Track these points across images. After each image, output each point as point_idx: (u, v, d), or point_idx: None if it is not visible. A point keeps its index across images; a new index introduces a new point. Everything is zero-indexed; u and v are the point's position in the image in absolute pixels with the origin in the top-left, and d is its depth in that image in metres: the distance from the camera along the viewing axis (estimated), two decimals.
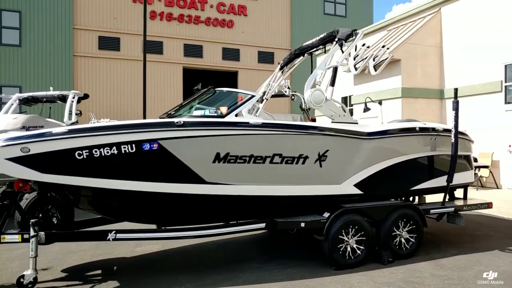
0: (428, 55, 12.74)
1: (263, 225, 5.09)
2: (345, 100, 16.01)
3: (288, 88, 7.33)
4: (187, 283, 4.69)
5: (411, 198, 6.83)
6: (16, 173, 4.36)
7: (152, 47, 26.38)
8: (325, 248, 5.10)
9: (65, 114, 10.13)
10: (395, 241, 5.48)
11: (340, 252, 5.13)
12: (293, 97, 9.35)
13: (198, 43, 28.51)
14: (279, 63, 7.14)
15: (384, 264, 5.26)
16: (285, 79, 7.14)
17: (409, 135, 5.62)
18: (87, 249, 6.17)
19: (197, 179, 4.66)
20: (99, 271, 5.33)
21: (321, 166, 5.09)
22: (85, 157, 4.32)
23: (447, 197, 6.55)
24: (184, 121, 4.53)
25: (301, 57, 6.88)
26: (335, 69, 5.20)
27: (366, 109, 6.80)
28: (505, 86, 11.35)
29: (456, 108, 5.57)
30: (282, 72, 7.07)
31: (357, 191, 5.36)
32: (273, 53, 31.12)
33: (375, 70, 5.21)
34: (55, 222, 5.52)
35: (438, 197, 6.29)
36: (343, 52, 5.43)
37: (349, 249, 5.18)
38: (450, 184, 5.83)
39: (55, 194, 5.25)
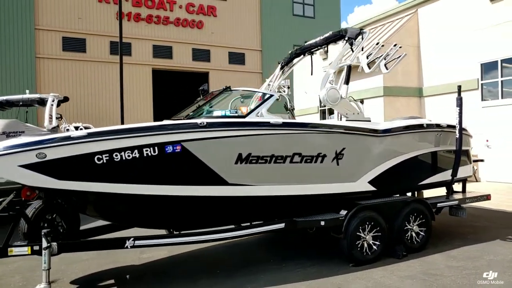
0: (407, 55, 13.19)
1: (282, 225, 5.09)
2: None
3: (288, 87, 7.35)
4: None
5: (409, 194, 7.04)
6: (31, 181, 4.13)
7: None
8: (344, 245, 5.18)
9: (45, 118, 9.69)
10: (407, 235, 5.64)
11: (358, 249, 5.22)
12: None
13: (168, 44, 28.11)
14: (279, 63, 7.18)
15: (399, 258, 5.40)
16: (285, 79, 7.17)
17: (417, 131, 5.81)
18: (90, 259, 5.94)
19: (220, 181, 4.61)
20: (111, 281, 5.16)
21: (338, 164, 5.16)
22: (105, 161, 4.17)
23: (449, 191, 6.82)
24: (207, 122, 4.46)
25: (301, 56, 6.94)
26: (349, 68, 5.30)
27: None
28: (481, 84, 11.96)
29: (460, 104, 5.82)
30: (283, 71, 7.09)
31: (371, 188, 5.49)
32: (244, 54, 31.24)
33: (386, 68, 5.33)
34: (61, 231, 5.29)
35: (433, 192, 6.51)
36: (353, 51, 5.54)
37: (365, 245, 5.29)
38: (454, 178, 6.06)
39: (62, 202, 5.02)
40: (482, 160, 7.00)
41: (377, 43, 5.55)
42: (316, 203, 5.40)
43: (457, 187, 7.08)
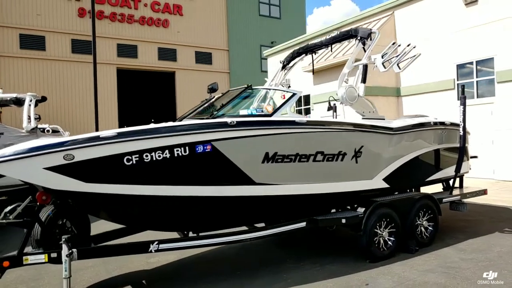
0: None
1: (303, 224, 5.14)
2: (305, 99, 16.51)
3: (289, 86, 7.43)
4: None
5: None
6: (56, 184, 3.94)
7: (82, 46, 24.93)
8: (364, 242, 5.29)
9: (23, 119, 9.18)
10: (417, 230, 5.85)
11: (376, 245, 5.36)
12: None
13: (132, 43, 27.49)
14: (280, 62, 7.23)
15: (412, 253, 5.59)
16: (287, 78, 7.24)
17: (426, 129, 6.06)
18: (95, 265, 5.71)
19: (247, 181, 4.59)
20: (128, 287, 4.97)
21: (357, 162, 5.28)
22: (134, 162, 4.04)
23: (443, 186, 7.16)
24: (237, 121, 4.43)
25: (303, 56, 7.04)
26: (365, 67, 5.43)
27: (330, 108, 7.04)
28: (457, 84, 12.60)
29: (463, 103, 6.12)
30: (284, 70, 7.15)
31: (385, 185, 5.66)
32: (211, 54, 31.12)
33: (399, 68, 5.52)
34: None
35: (429, 189, 6.79)
36: (365, 50, 5.68)
37: (382, 241, 5.43)
38: (458, 173, 6.37)
39: (74, 206, 4.79)
40: (475, 157, 7.37)
41: (393, 43, 5.72)
42: (333, 201, 5.49)
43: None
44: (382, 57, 5.50)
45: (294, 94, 5.04)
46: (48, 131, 11.23)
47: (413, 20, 13.43)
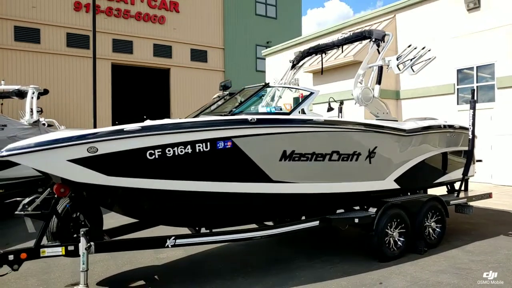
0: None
1: (316, 223, 5.19)
2: None
3: (297, 85, 7.50)
4: (253, 286, 4.62)
5: None
6: (79, 177, 3.93)
7: (77, 40, 24.74)
8: (375, 242, 5.36)
9: (26, 111, 9.12)
10: (426, 231, 5.93)
11: (387, 245, 5.43)
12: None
13: (128, 38, 27.36)
14: (290, 61, 7.28)
15: (421, 254, 5.67)
16: (295, 78, 7.29)
17: (437, 132, 6.15)
18: (104, 259, 5.69)
19: (265, 178, 4.63)
20: (141, 282, 4.97)
21: (370, 162, 5.35)
22: (157, 157, 4.05)
23: (448, 189, 7.26)
24: (257, 118, 4.46)
25: (313, 55, 7.10)
26: (380, 68, 5.50)
27: (330, 109, 7.12)
28: (457, 89, 12.79)
29: (473, 107, 6.23)
30: (294, 69, 7.20)
31: (396, 186, 5.74)
32: (206, 52, 31.10)
33: (413, 70, 5.61)
34: None
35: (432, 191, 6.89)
36: (379, 52, 5.75)
37: (392, 241, 5.51)
38: (466, 176, 6.48)
39: (91, 199, 4.77)
40: (480, 161, 7.50)
41: (409, 45, 5.80)
42: (345, 201, 5.55)
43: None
44: (397, 59, 5.57)
45: (312, 93, 5.09)
46: (44, 124, 11.13)
47: (415, 24, 13.58)
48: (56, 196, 4.35)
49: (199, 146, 4.19)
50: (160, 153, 4.05)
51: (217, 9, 31.52)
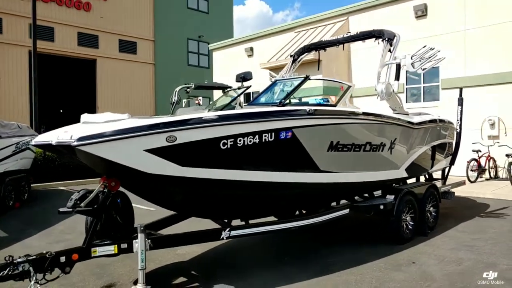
0: (339, 57, 14.66)
1: (347, 211, 5.53)
2: None
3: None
4: (301, 272, 4.80)
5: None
6: (153, 168, 3.79)
7: None
8: (394, 226, 5.84)
9: None
10: (427, 215, 6.59)
11: (402, 229, 5.95)
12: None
13: (48, 24, 25.29)
14: (290, 56, 7.52)
15: (426, 236, 6.29)
16: (295, 72, 7.55)
17: (435, 125, 6.85)
18: (121, 259, 5.26)
19: (314, 168, 4.83)
20: (183, 278, 4.85)
21: (391, 153, 5.82)
22: (229, 147, 4.04)
23: (426, 177, 8.06)
24: (314, 109, 4.63)
25: (312, 51, 7.42)
26: (398, 65, 5.98)
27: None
28: (406, 88, 14.06)
29: (461, 104, 7.05)
30: (294, 64, 7.46)
31: (406, 175, 6.30)
32: (136, 43, 30.08)
33: (422, 70, 6.19)
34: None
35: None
36: (391, 51, 6.25)
37: (405, 225, 6.05)
38: (452, 165, 7.31)
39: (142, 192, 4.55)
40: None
41: (425, 46, 6.36)
42: (369, 189, 5.97)
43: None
44: (411, 58, 6.11)
45: (349, 87, 5.40)
46: None
47: (367, 27, 14.44)
48: (106, 190, 4.11)
49: (265, 136, 4.25)
50: (232, 143, 4.04)
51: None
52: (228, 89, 10.26)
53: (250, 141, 4.16)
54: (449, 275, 4.69)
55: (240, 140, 4.09)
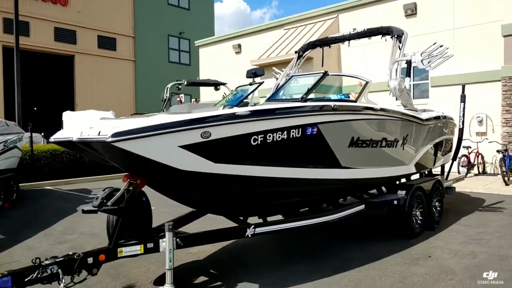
0: (331, 55, 14.75)
1: (363, 207, 5.60)
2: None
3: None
4: (320, 269, 4.81)
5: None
6: (187, 165, 3.72)
7: None
8: (406, 221, 5.94)
9: None
10: (432, 210, 6.73)
11: (413, 223, 6.06)
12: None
13: (23, 18, 24.39)
14: (296, 52, 7.54)
15: (433, 230, 6.43)
16: (299, 68, 7.58)
17: (439, 122, 7.00)
18: (132, 260, 5.14)
19: (336, 164, 4.86)
20: (204, 278, 4.80)
21: (403, 149, 5.92)
22: (259, 143, 4.02)
23: (426, 173, 8.23)
24: (338, 105, 4.65)
25: (317, 48, 7.46)
26: (409, 62, 6.08)
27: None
28: None
29: (463, 101, 7.23)
30: (299, 60, 7.48)
31: (414, 170, 6.42)
32: (115, 39, 29.58)
33: (430, 66, 6.31)
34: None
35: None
36: (400, 48, 6.34)
37: (415, 220, 6.16)
38: (454, 160, 7.49)
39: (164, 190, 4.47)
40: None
41: (435, 43, 6.47)
42: (381, 185, 6.05)
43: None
44: (421, 55, 6.22)
45: (367, 82, 5.45)
46: None
47: (357, 25, 14.67)
48: (131, 189, 4.02)
49: (293, 132, 4.24)
50: (262, 138, 4.02)
51: None
52: (221, 85, 10.24)
53: (279, 137, 4.14)
54: (467, 268, 4.81)
55: (269, 136, 4.07)
